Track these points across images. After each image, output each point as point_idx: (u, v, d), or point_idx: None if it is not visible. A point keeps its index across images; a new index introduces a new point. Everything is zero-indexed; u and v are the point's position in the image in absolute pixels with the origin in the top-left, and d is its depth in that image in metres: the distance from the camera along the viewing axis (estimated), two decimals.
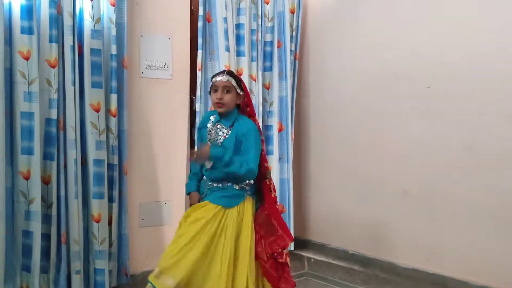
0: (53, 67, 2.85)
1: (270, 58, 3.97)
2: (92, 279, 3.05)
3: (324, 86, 4.17)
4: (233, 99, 2.51)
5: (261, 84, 3.90)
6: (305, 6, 4.25)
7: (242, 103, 2.60)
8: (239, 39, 3.73)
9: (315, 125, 4.26)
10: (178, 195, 3.53)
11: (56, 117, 2.87)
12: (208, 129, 2.57)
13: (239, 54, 3.73)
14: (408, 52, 3.52)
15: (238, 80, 2.55)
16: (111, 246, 3.14)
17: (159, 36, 3.45)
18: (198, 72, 3.52)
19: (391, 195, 3.65)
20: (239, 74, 3.71)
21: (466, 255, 3.21)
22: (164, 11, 3.46)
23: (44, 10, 2.83)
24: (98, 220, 3.04)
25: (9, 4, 2.73)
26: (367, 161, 3.82)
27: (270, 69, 3.98)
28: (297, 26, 4.11)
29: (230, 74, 2.54)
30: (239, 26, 3.72)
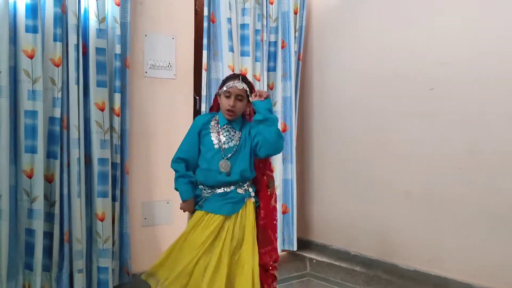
0: (57, 66, 2.86)
1: (274, 59, 3.98)
2: (95, 278, 3.05)
3: (327, 87, 4.17)
4: (244, 108, 2.46)
5: (266, 84, 3.91)
6: (309, 7, 4.25)
7: (251, 110, 2.53)
8: (244, 39, 3.73)
9: (318, 126, 4.26)
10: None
11: (60, 116, 2.87)
12: (217, 131, 2.45)
13: (243, 54, 3.73)
14: (410, 53, 3.52)
15: (251, 88, 2.48)
16: (114, 245, 3.15)
17: (163, 36, 3.45)
18: (204, 72, 3.52)
19: (393, 196, 3.65)
20: (244, 74, 3.71)
21: (468, 257, 3.21)
22: (168, 11, 3.46)
23: (49, 9, 2.83)
24: (102, 219, 3.04)
25: (14, 3, 2.73)
26: (370, 162, 3.82)
27: (274, 70, 3.98)
28: (301, 27, 4.11)
29: (245, 81, 2.45)
30: (244, 26, 3.72)
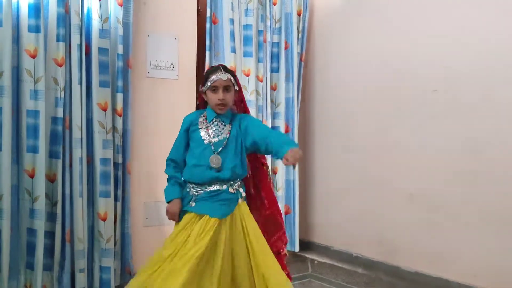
0: (60, 66, 2.86)
1: (277, 60, 3.97)
2: (97, 277, 3.05)
3: (330, 88, 4.16)
4: (232, 98, 2.42)
5: (269, 85, 3.91)
6: (312, 8, 4.25)
7: (237, 98, 2.50)
8: (247, 40, 3.73)
9: (321, 127, 4.25)
10: None
11: (62, 116, 2.87)
12: (206, 126, 2.41)
13: (246, 55, 3.73)
14: (414, 55, 3.51)
15: (234, 76, 2.43)
16: (116, 245, 3.15)
17: (166, 36, 3.46)
18: None
19: (395, 198, 3.64)
20: (246, 75, 3.72)
21: (471, 259, 3.19)
22: (171, 11, 3.46)
23: (52, 9, 2.84)
24: (105, 219, 3.05)
25: (17, 3, 2.74)
26: (372, 164, 3.81)
27: (277, 70, 3.98)
28: (303, 28, 4.10)
29: (227, 71, 2.41)
30: (247, 27, 3.72)
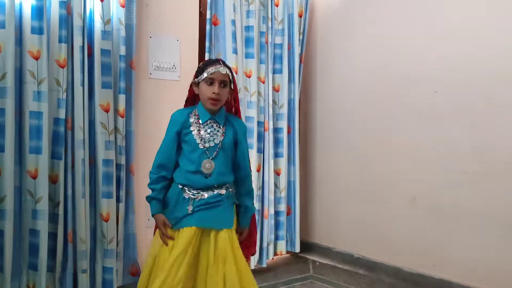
0: (62, 67, 2.87)
1: (280, 61, 3.97)
2: (100, 278, 3.06)
3: (331, 89, 4.17)
4: (227, 95, 2.32)
5: (271, 87, 3.91)
6: (312, 10, 4.25)
7: (230, 98, 2.41)
8: (248, 41, 3.73)
9: (322, 128, 4.26)
10: None
11: (65, 117, 2.88)
12: (198, 128, 2.30)
13: (248, 56, 3.73)
14: (416, 56, 3.51)
15: (232, 73, 2.33)
16: (118, 246, 3.16)
17: (168, 38, 3.46)
18: None
19: (397, 199, 3.64)
20: (248, 76, 3.73)
21: (473, 261, 3.19)
22: (173, 13, 3.47)
23: (54, 11, 2.85)
24: (107, 219, 3.06)
25: (20, 4, 2.75)
26: (374, 165, 3.81)
27: (280, 72, 3.98)
28: (304, 30, 4.11)
29: (226, 65, 2.30)
30: (248, 28, 3.73)
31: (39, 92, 2.78)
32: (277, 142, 3.98)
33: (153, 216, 2.36)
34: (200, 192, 2.29)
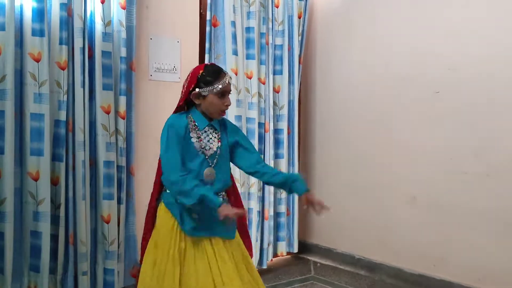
0: (63, 69, 2.87)
1: (281, 62, 3.98)
2: (101, 280, 3.07)
3: (330, 90, 4.17)
4: None
5: (272, 88, 3.91)
6: (312, 11, 4.26)
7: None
8: (249, 43, 3.74)
9: (321, 129, 4.25)
10: None
11: (66, 119, 2.88)
12: (197, 135, 2.20)
13: (249, 57, 3.74)
14: (416, 57, 3.52)
15: None
16: (119, 247, 3.16)
17: (168, 39, 3.47)
18: None
19: (398, 200, 3.64)
20: (249, 77, 3.73)
21: (474, 261, 3.20)
22: (173, 14, 3.47)
23: (55, 13, 2.85)
24: (108, 221, 3.06)
25: (21, 7, 2.75)
26: (374, 166, 3.81)
27: (281, 73, 3.99)
28: (303, 31, 4.11)
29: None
30: (249, 30, 3.73)
31: (40, 94, 2.78)
32: (278, 143, 3.99)
33: (220, 208, 2.03)
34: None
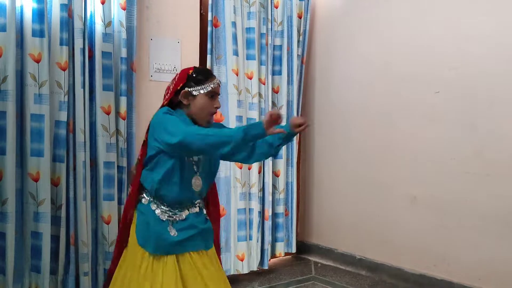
0: (64, 70, 2.87)
1: (280, 62, 3.98)
2: (102, 280, 3.06)
3: (331, 90, 4.17)
4: None
5: (271, 88, 3.91)
6: (313, 11, 4.26)
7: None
8: (249, 43, 3.74)
9: (322, 129, 4.25)
10: None
11: (66, 120, 2.88)
12: None
13: (249, 58, 3.74)
14: (416, 57, 3.52)
15: None
16: None
17: (168, 40, 3.46)
18: None
19: (399, 200, 3.64)
20: (249, 78, 3.73)
21: (475, 261, 3.20)
22: (174, 15, 3.47)
23: (55, 14, 2.85)
24: (108, 222, 3.06)
25: (21, 8, 2.75)
26: (375, 166, 3.81)
27: (279, 73, 3.99)
28: (305, 31, 4.11)
29: None
30: (249, 30, 3.73)
31: (40, 95, 2.78)
32: None
33: (263, 126, 1.78)
34: (178, 212, 2.05)
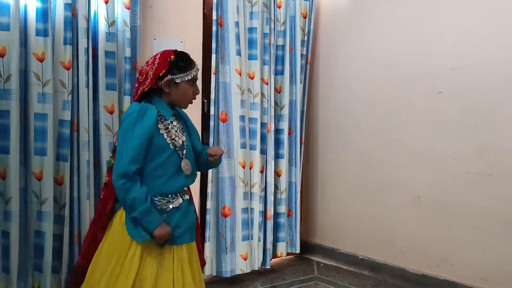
0: (67, 69, 2.87)
1: (282, 62, 3.99)
2: None
3: (335, 90, 4.17)
4: None
5: (273, 88, 3.91)
6: (317, 11, 4.26)
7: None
8: (252, 43, 3.74)
9: (326, 130, 4.26)
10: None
11: (70, 119, 2.89)
12: (166, 127, 2.04)
13: (251, 58, 3.74)
14: (419, 58, 3.52)
15: None
16: None
17: (172, 39, 3.47)
18: (213, 76, 3.53)
19: (401, 200, 3.64)
20: (251, 78, 3.73)
21: (477, 262, 3.20)
22: (177, 14, 3.48)
23: (59, 13, 2.85)
24: None
25: (25, 7, 2.76)
26: (378, 166, 3.81)
27: (282, 73, 3.99)
28: (309, 31, 4.12)
29: None
30: (252, 30, 3.74)
31: (44, 94, 2.78)
32: (278, 143, 3.99)
33: (157, 230, 1.95)
34: (170, 200, 2.06)
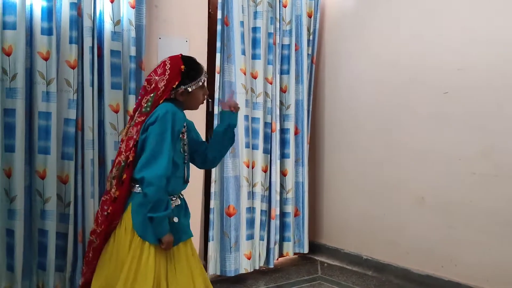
0: (73, 68, 2.88)
1: (288, 62, 3.98)
2: None
3: (341, 90, 4.16)
4: None
5: (278, 88, 3.91)
6: (323, 10, 4.25)
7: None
8: (255, 42, 3.74)
9: (331, 129, 4.25)
10: (195, 198, 3.54)
11: (75, 118, 2.89)
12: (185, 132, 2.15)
13: (255, 57, 3.74)
14: (425, 58, 3.50)
15: None
16: None
17: (177, 38, 3.47)
18: (217, 75, 3.53)
19: (406, 200, 3.63)
20: (254, 77, 3.73)
21: (482, 263, 3.18)
22: (182, 14, 3.48)
23: (65, 12, 2.86)
24: None
25: (30, 6, 2.77)
26: (383, 166, 3.80)
27: (287, 73, 3.98)
28: (315, 30, 4.11)
29: None
30: (256, 29, 3.73)
31: (48, 93, 2.79)
32: (284, 143, 3.98)
33: (166, 237, 1.99)
34: (173, 199, 2.11)
